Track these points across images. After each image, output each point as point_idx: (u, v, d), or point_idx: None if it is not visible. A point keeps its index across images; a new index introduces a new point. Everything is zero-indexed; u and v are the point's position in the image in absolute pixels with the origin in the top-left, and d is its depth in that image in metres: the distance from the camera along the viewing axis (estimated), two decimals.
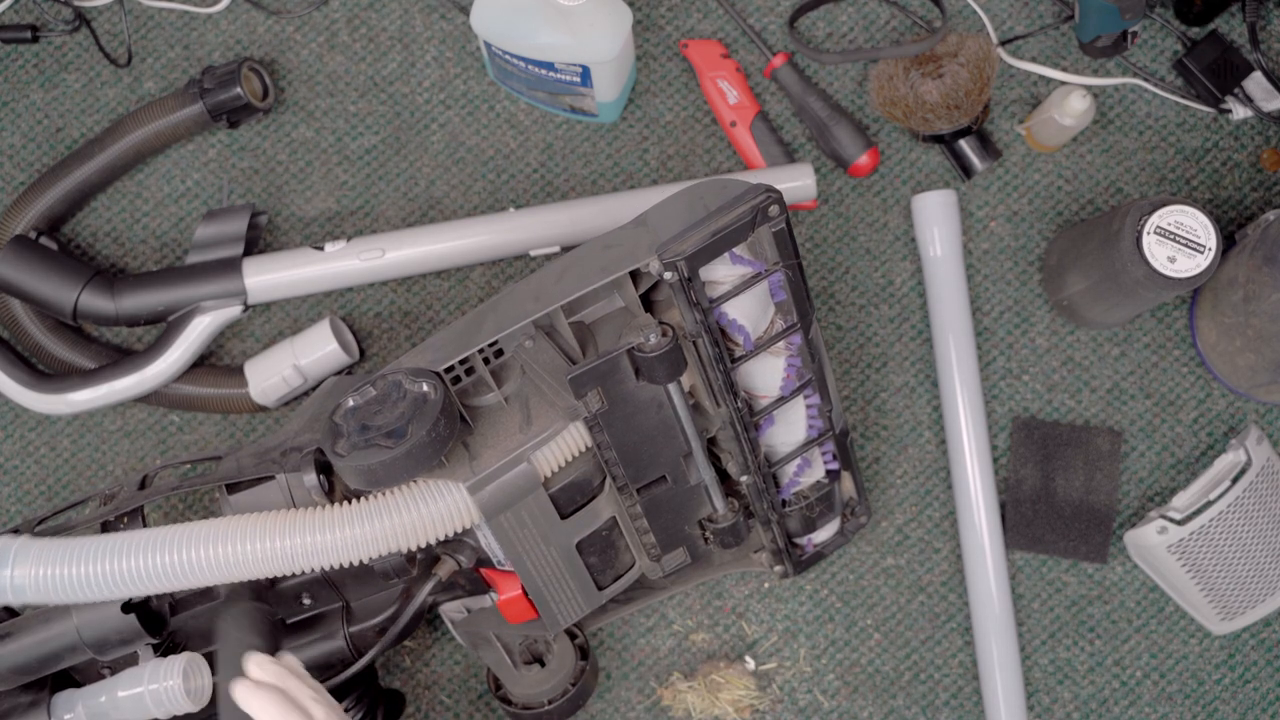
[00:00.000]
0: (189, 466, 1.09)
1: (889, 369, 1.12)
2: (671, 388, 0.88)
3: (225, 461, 0.93)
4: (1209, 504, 1.05)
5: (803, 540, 1.02)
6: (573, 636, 1.01)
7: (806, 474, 0.97)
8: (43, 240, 1.09)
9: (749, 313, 0.89)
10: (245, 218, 1.08)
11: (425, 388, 0.84)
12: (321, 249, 1.07)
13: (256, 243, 1.12)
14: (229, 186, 1.14)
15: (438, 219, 1.14)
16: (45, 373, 1.10)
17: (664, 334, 0.85)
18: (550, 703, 0.98)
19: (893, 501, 1.11)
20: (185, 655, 0.89)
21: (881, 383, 1.12)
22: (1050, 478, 1.10)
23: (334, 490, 0.90)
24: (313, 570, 0.86)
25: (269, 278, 1.07)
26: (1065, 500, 1.09)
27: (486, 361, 0.90)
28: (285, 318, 1.13)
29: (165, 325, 1.08)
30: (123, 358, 1.08)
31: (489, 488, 0.85)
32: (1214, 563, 1.05)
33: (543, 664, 0.99)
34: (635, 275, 0.88)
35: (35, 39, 1.14)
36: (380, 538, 0.84)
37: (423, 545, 0.85)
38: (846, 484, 1.01)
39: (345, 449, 0.82)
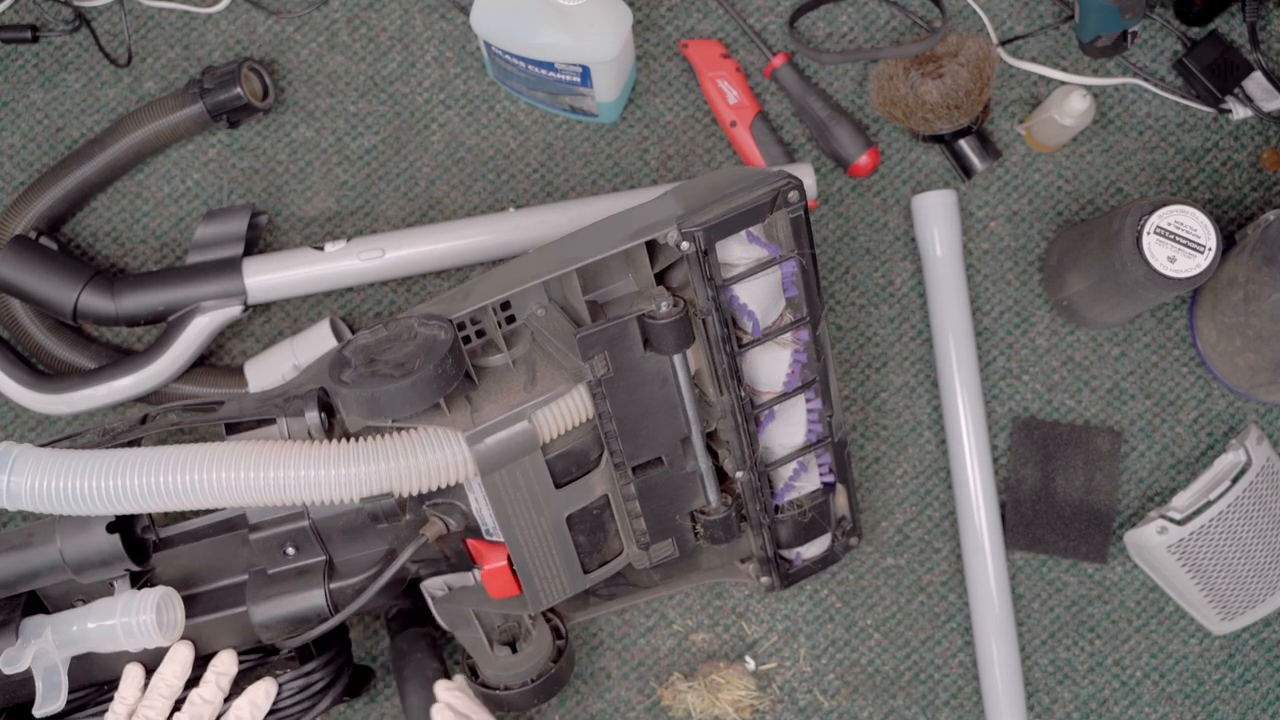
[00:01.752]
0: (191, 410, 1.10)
1: (889, 369, 1.12)
2: (677, 361, 0.88)
3: (227, 404, 0.94)
4: (1209, 504, 1.05)
5: (792, 554, 1.02)
6: (557, 635, 1.01)
7: (802, 479, 0.97)
8: (43, 240, 1.09)
9: (760, 300, 0.90)
10: (245, 218, 1.08)
11: (436, 330, 0.85)
12: (321, 249, 1.07)
13: (256, 243, 1.12)
14: (229, 186, 1.14)
15: (438, 219, 1.14)
16: (45, 373, 1.10)
17: (675, 304, 0.86)
18: (521, 685, 0.97)
19: (893, 501, 1.11)
20: (160, 589, 0.89)
21: (881, 383, 1.12)
22: (1050, 478, 1.10)
23: (334, 432, 0.90)
24: (299, 514, 0.87)
25: (269, 278, 1.07)
26: (1065, 500, 1.09)
27: (499, 325, 0.91)
28: (285, 318, 1.13)
29: (165, 325, 1.08)
30: (123, 358, 1.08)
31: (487, 440, 0.85)
32: (1214, 563, 1.05)
33: (514, 649, 0.99)
34: (652, 254, 0.89)
35: (35, 39, 1.14)
36: (374, 478, 0.84)
37: (416, 492, 0.86)
38: (841, 499, 1.01)
39: (350, 379, 0.83)
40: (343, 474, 0.84)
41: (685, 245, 0.84)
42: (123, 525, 0.91)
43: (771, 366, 0.92)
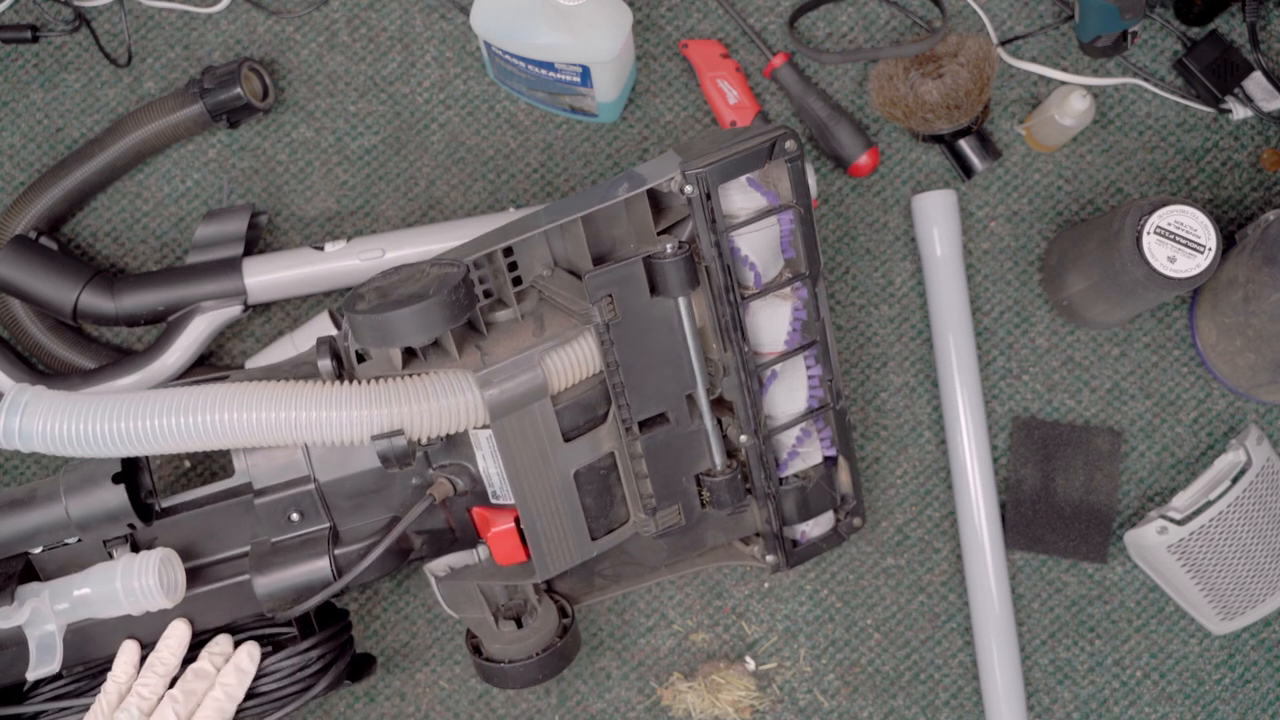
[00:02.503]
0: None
1: (889, 369, 1.12)
2: (682, 304, 0.90)
3: (235, 375, 0.94)
4: (1209, 504, 1.05)
5: (796, 533, 1.02)
6: (563, 613, 1.00)
7: (806, 445, 0.98)
8: (43, 240, 1.09)
9: (760, 254, 0.92)
10: (245, 218, 1.08)
11: (449, 268, 0.87)
12: (321, 249, 1.07)
13: (256, 243, 1.12)
14: (229, 186, 1.14)
15: (438, 219, 1.14)
16: (45, 373, 1.10)
17: (679, 247, 0.89)
18: (526, 659, 0.97)
19: (893, 501, 1.11)
20: (160, 550, 0.89)
21: (881, 383, 1.12)
22: (1050, 478, 1.10)
23: (343, 380, 0.91)
24: (305, 479, 0.88)
25: (269, 278, 1.07)
26: (1065, 500, 1.09)
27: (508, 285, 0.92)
28: (285, 318, 1.13)
29: (165, 325, 1.08)
30: (123, 358, 1.08)
31: (498, 385, 0.86)
32: (1214, 563, 1.05)
33: (520, 624, 0.98)
34: (656, 215, 0.92)
35: (35, 39, 1.14)
36: (387, 420, 0.85)
37: (428, 436, 0.86)
38: (844, 475, 1.01)
39: (364, 309, 0.84)
40: (356, 415, 0.84)
41: (689, 189, 0.87)
42: (128, 481, 0.90)
43: (773, 324, 0.94)
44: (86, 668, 0.94)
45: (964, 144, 1.11)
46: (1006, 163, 1.14)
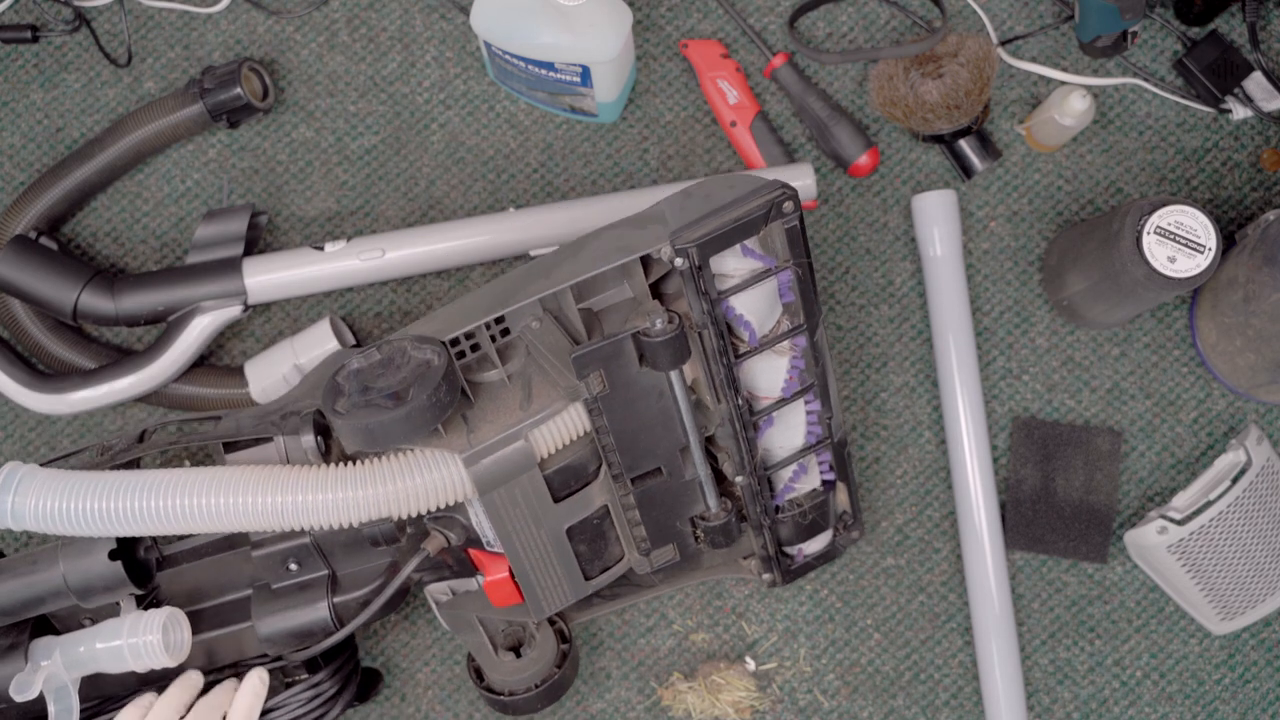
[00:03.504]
0: (188, 426, 1.10)
1: (889, 369, 1.12)
2: (674, 376, 0.88)
3: (224, 420, 0.94)
4: (1209, 504, 1.05)
5: (793, 550, 1.02)
6: (562, 638, 1.01)
7: (802, 480, 0.97)
8: (43, 240, 1.09)
9: (756, 309, 0.89)
10: (245, 218, 1.08)
11: (429, 355, 0.84)
12: (321, 249, 1.07)
13: (256, 243, 1.12)
14: (229, 186, 1.14)
15: (438, 219, 1.14)
16: (45, 373, 1.10)
17: (670, 320, 0.85)
18: (526, 690, 0.97)
19: (893, 501, 1.11)
20: (166, 610, 0.90)
21: (881, 383, 1.12)
22: (1050, 478, 1.10)
23: (330, 453, 0.91)
24: (301, 532, 0.86)
25: (269, 278, 1.07)
26: (1065, 500, 1.09)
27: (493, 339, 0.90)
28: (285, 318, 1.13)
29: (165, 325, 1.08)
30: (123, 358, 1.08)
31: (484, 462, 0.85)
32: (1214, 563, 1.05)
33: (518, 654, 0.99)
34: (646, 264, 0.88)
35: (35, 39, 1.14)
36: (373, 502, 0.84)
37: (414, 514, 0.86)
38: (841, 496, 1.01)
39: (345, 408, 0.83)
40: (340, 498, 0.84)
41: (679, 261, 0.83)
42: (125, 548, 0.92)
43: (770, 374, 0.92)
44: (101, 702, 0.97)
45: (964, 144, 1.11)
46: (1006, 163, 1.14)
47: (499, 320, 0.90)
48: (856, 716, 1.09)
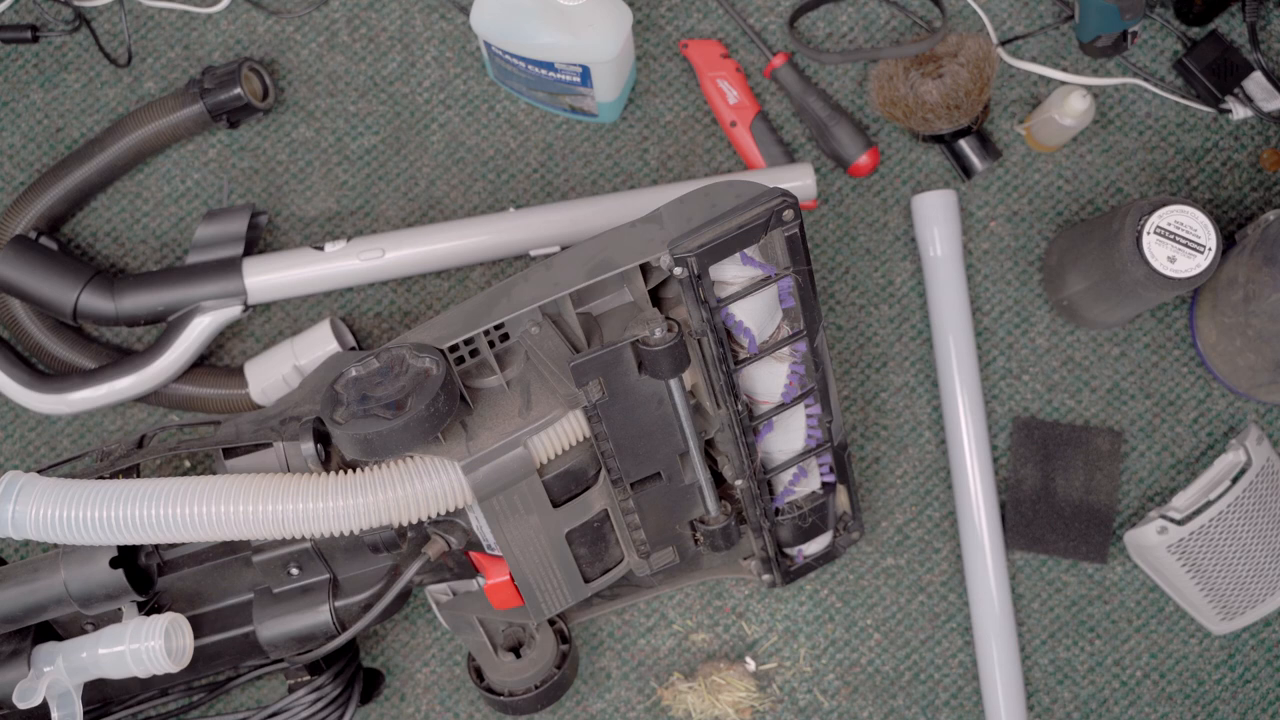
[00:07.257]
0: (187, 430, 1.10)
1: (889, 369, 1.12)
2: (673, 384, 0.88)
3: (224, 426, 0.94)
4: (1209, 504, 1.05)
5: (793, 551, 1.02)
6: (562, 639, 1.01)
7: (802, 483, 0.97)
8: (43, 240, 1.09)
9: (756, 316, 0.89)
10: (245, 218, 1.08)
11: (428, 363, 0.84)
12: (321, 249, 1.07)
13: (256, 243, 1.12)
14: (229, 186, 1.14)
15: (438, 219, 1.14)
16: (45, 373, 1.10)
17: (670, 329, 0.85)
18: (526, 691, 0.98)
19: (893, 501, 1.11)
20: (168, 615, 0.90)
21: (881, 383, 1.12)
22: (1050, 478, 1.10)
23: (330, 460, 0.91)
24: (302, 537, 0.86)
25: (269, 278, 1.07)
26: (1065, 500, 1.09)
27: (492, 345, 0.90)
28: (285, 318, 1.13)
29: (165, 325, 1.08)
30: (123, 358, 1.08)
31: (483, 469, 0.85)
32: (1214, 563, 1.05)
33: (518, 654, 0.99)
34: (645, 270, 0.88)
35: (35, 39, 1.14)
36: (372, 510, 0.84)
37: (414, 521, 0.86)
38: (841, 498, 1.01)
39: (344, 417, 0.83)
40: (340, 506, 0.84)
41: (678, 270, 0.83)
42: (126, 555, 0.92)
43: (769, 379, 0.92)
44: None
45: (964, 144, 1.11)
46: (1006, 163, 1.14)
47: (498, 326, 0.90)
48: (856, 716, 1.09)
